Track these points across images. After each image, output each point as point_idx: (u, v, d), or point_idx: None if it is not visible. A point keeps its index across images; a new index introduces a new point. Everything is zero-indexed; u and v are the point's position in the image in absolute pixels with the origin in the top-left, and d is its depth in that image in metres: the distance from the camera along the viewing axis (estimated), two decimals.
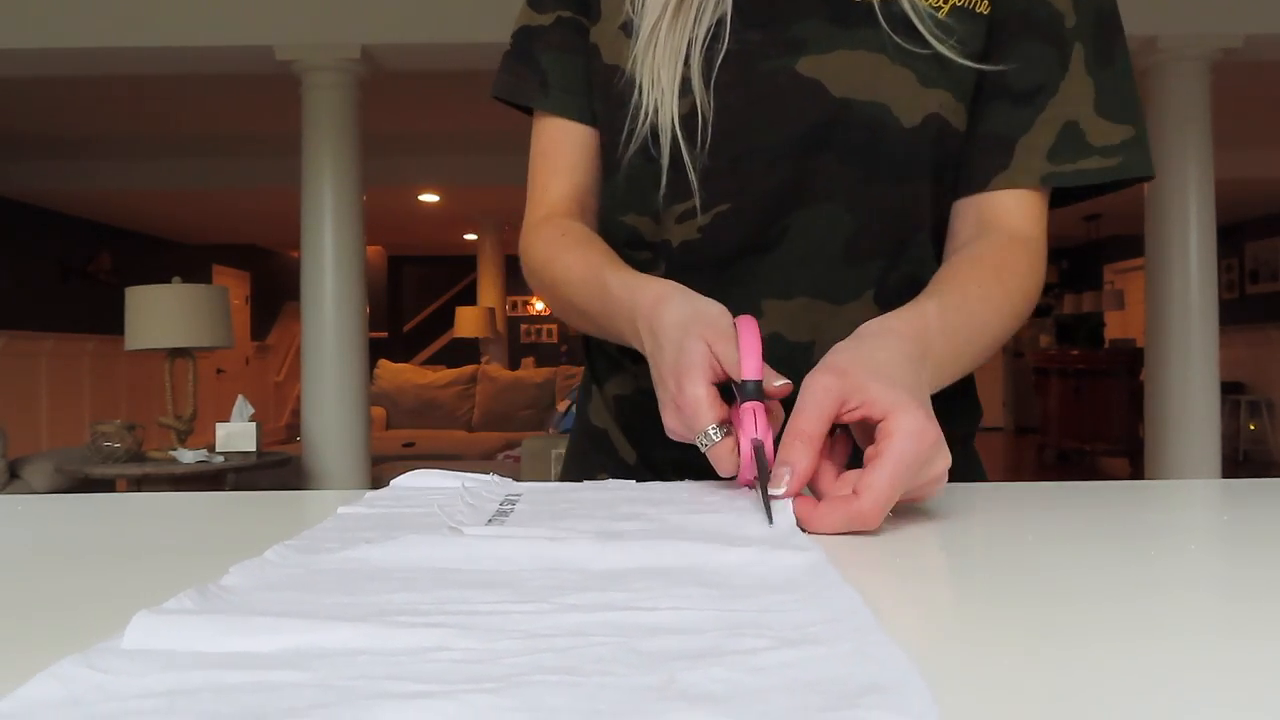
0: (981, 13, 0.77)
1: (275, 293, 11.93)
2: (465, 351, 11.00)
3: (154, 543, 0.54)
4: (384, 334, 12.35)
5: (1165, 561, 0.46)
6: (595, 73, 0.85)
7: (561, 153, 0.88)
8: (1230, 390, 8.65)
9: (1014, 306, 0.75)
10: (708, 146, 0.78)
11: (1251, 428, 9.26)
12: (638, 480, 0.74)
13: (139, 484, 3.81)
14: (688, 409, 0.61)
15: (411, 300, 13.41)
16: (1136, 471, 7.69)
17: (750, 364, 0.60)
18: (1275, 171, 7.59)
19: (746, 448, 0.58)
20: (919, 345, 0.63)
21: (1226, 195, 5.41)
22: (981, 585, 0.43)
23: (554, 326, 13.21)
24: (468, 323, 9.68)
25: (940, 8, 0.76)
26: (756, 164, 0.78)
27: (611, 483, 0.69)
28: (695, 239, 0.80)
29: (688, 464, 0.76)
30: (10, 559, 0.49)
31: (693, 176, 0.78)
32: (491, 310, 9.87)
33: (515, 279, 11.56)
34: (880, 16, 0.76)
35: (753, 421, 0.58)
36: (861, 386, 0.56)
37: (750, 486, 0.62)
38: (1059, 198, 0.84)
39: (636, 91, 0.80)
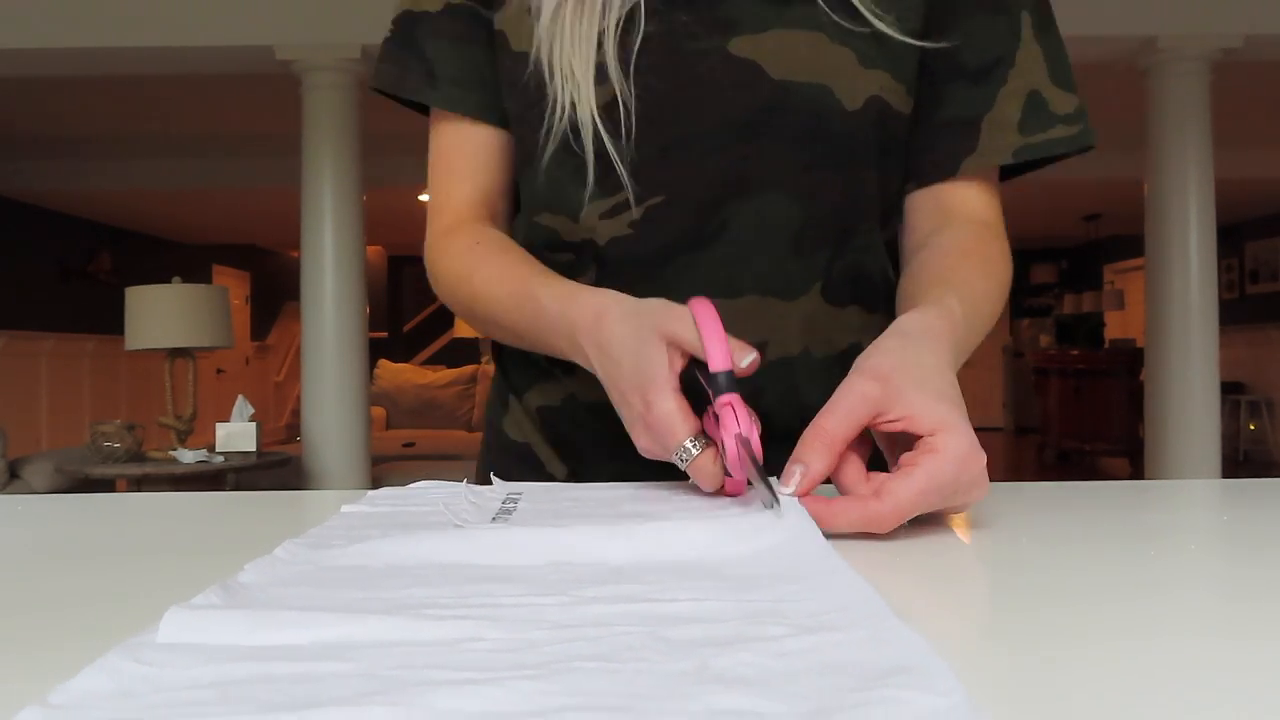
0: None
1: (275, 293, 11.93)
2: (465, 351, 11.00)
3: (155, 543, 0.54)
4: (384, 334, 12.33)
5: (1165, 561, 0.46)
6: (502, 64, 0.78)
7: (462, 154, 0.81)
8: (1230, 390, 8.65)
9: (1001, 297, 0.73)
10: (633, 137, 0.72)
11: (1251, 428, 9.26)
12: None
13: (139, 484, 3.81)
14: (659, 426, 0.57)
15: (411, 300, 13.40)
16: (1136, 471, 7.69)
17: (717, 352, 0.55)
18: (1275, 171, 7.59)
19: (732, 446, 0.54)
20: (954, 350, 0.59)
21: (1226, 195, 5.41)
22: (980, 585, 0.43)
23: None
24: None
25: None
26: (690, 153, 0.73)
27: (612, 483, 0.69)
28: (626, 235, 0.74)
29: (630, 476, 0.72)
30: (11, 559, 0.49)
31: (622, 170, 0.72)
32: None
33: None
34: None
35: (733, 417, 0.54)
36: (906, 398, 0.52)
37: (739, 494, 0.58)
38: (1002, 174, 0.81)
39: (549, 83, 0.73)
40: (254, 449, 4.01)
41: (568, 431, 0.82)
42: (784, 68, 0.72)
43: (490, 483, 0.77)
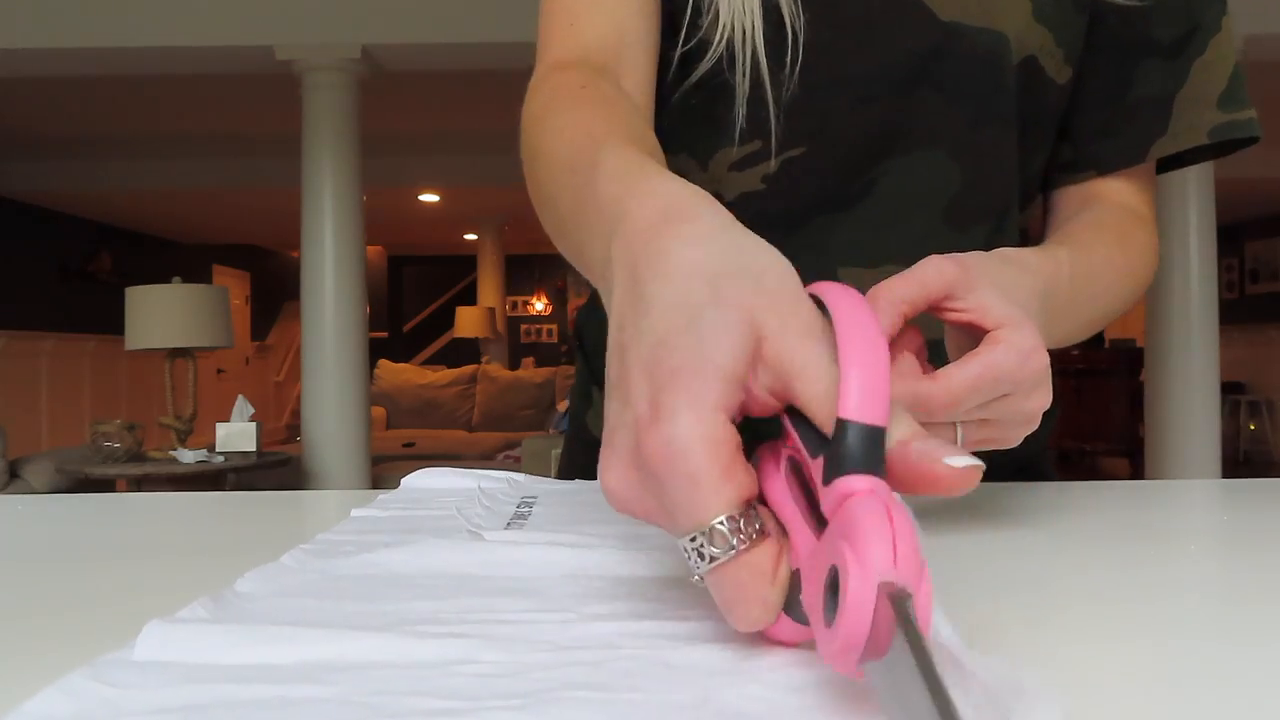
0: None
1: (275, 293, 11.93)
2: (465, 351, 10.99)
3: (155, 543, 0.54)
4: (384, 334, 12.34)
5: (1165, 562, 0.46)
6: None
7: None
8: (1230, 390, 8.65)
9: (1135, 278, 0.65)
10: (797, 73, 0.62)
11: (1251, 428, 9.26)
12: None
13: (139, 484, 3.81)
14: (664, 461, 0.28)
15: (411, 300, 13.40)
16: (1136, 471, 7.69)
17: (867, 388, 0.27)
18: (1275, 171, 7.59)
19: (863, 594, 0.24)
20: (1048, 285, 0.53)
21: (1226, 195, 5.40)
22: (980, 585, 0.43)
23: (554, 326, 13.20)
24: (468, 323, 9.68)
25: None
26: (840, 100, 0.63)
27: None
28: (758, 190, 0.65)
29: None
30: (11, 559, 0.49)
31: (774, 112, 0.63)
32: (491, 310, 9.87)
33: (515, 279, 11.56)
34: None
35: (869, 521, 0.25)
36: (979, 288, 0.45)
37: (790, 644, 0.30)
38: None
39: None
40: (254, 449, 4.01)
41: None
42: (954, 7, 0.63)
43: (572, 477, 0.74)
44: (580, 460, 0.81)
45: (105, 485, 3.85)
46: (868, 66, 0.63)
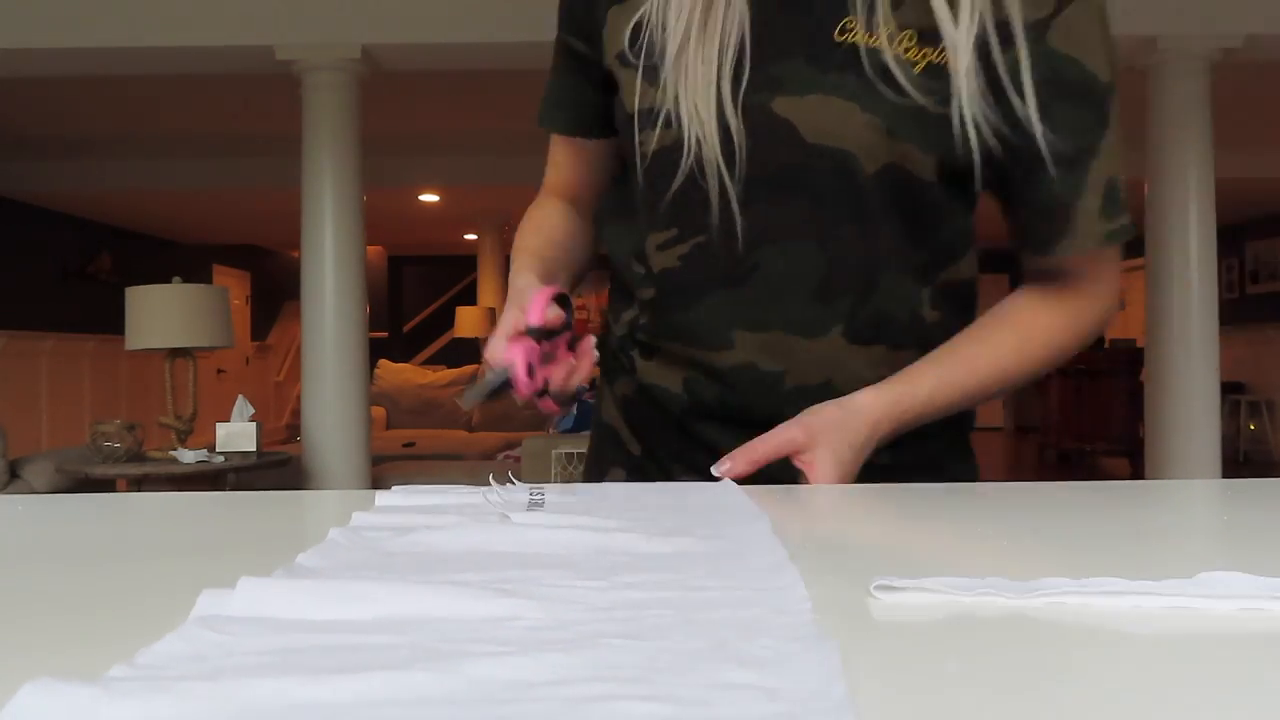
0: (947, 67, 0.77)
1: (275, 293, 11.93)
2: (465, 351, 10.99)
3: (156, 543, 0.54)
4: (384, 334, 12.34)
5: (1165, 562, 0.46)
6: (618, 100, 0.89)
7: (556, 150, 1.01)
8: (1230, 390, 8.65)
9: (1047, 347, 0.86)
10: (742, 173, 0.81)
11: (1251, 428, 9.26)
12: (643, 469, 0.92)
13: (139, 484, 3.81)
14: (493, 347, 0.79)
15: (411, 300, 13.41)
16: (1136, 471, 7.69)
17: (533, 312, 0.78)
18: (1275, 171, 7.59)
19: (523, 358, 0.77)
20: (883, 415, 0.79)
21: (1226, 195, 5.40)
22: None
23: None
24: (468, 323, 9.67)
25: (916, 63, 0.77)
26: (733, 201, 0.81)
27: (633, 485, 0.76)
28: (676, 267, 0.85)
29: (687, 453, 0.89)
30: (11, 559, 0.49)
31: (736, 208, 0.81)
32: (492, 310, 9.86)
33: None
34: (865, 61, 0.77)
35: (520, 350, 0.77)
36: (814, 448, 0.76)
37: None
38: None
39: (677, 125, 0.82)
40: (254, 449, 4.01)
41: (639, 415, 0.95)
42: (815, 131, 0.79)
43: (595, 458, 0.99)
44: (598, 443, 1.00)
45: (105, 485, 3.85)
46: (752, 173, 0.81)
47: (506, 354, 0.76)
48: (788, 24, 0.80)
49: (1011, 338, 0.85)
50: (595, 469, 0.99)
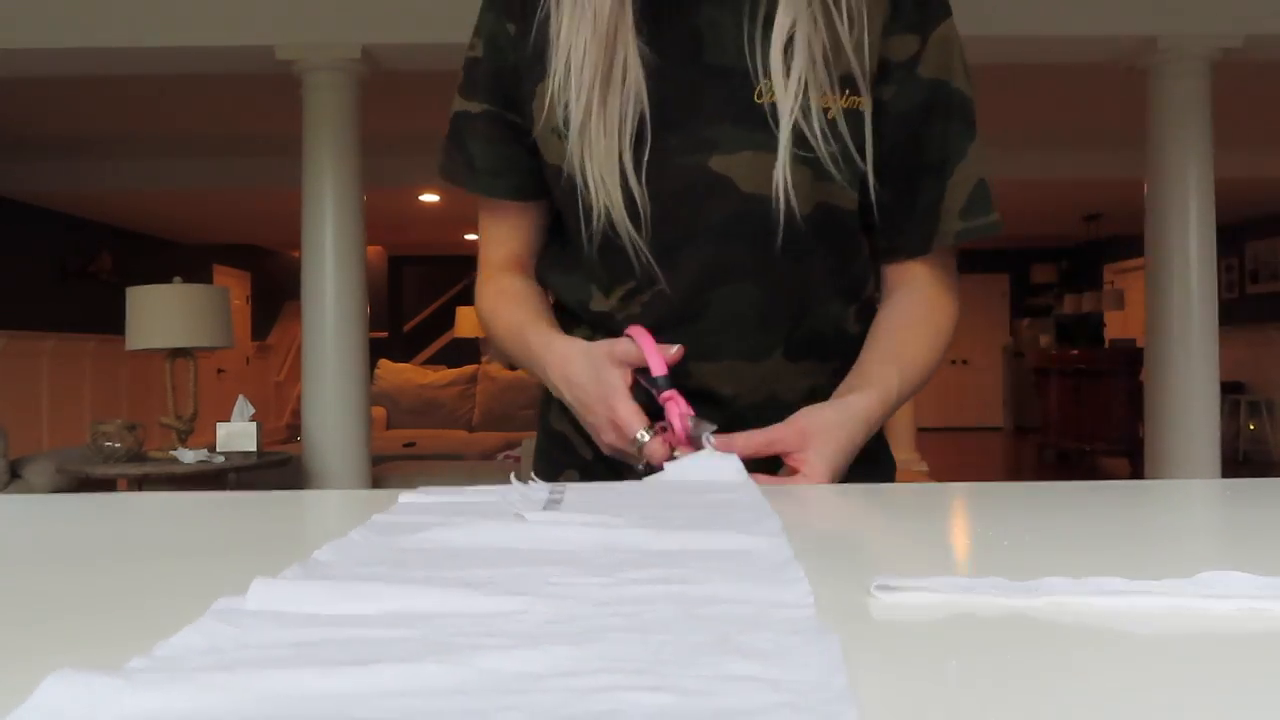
0: (862, 109, 0.89)
1: (275, 293, 11.93)
2: (465, 351, 10.99)
3: (156, 543, 0.54)
4: (384, 334, 12.33)
5: (1165, 562, 0.46)
6: (546, 169, 0.95)
7: (496, 224, 1.03)
8: (1230, 390, 8.65)
9: (944, 348, 0.97)
10: (648, 235, 0.90)
11: (1251, 428, 9.26)
12: (595, 471, 0.96)
13: (139, 484, 3.81)
14: (623, 423, 0.83)
15: (411, 300, 13.40)
16: (1136, 471, 7.69)
17: (655, 361, 0.83)
18: (1275, 171, 7.59)
19: (680, 420, 0.81)
20: (872, 412, 0.87)
21: (1226, 195, 5.40)
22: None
23: None
24: (468, 323, 9.67)
25: (829, 109, 0.87)
26: (684, 249, 0.90)
27: (652, 481, 0.77)
28: (636, 313, 0.93)
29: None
30: (12, 559, 0.49)
31: (651, 261, 0.90)
32: None
33: None
34: (784, 118, 0.86)
35: (675, 404, 0.82)
36: (808, 455, 0.82)
37: (685, 446, 0.82)
38: None
39: (582, 190, 0.90)
40: (255, 449, 4.01)
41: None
42: (752, 183, 0.88)
43: (546, 462, 1.04)
44: (547, 448, 1.06)
45: (106, 485, 3.85)
46: (698, 225, 0.90)
47: (670, 411, 0.83)
48: (711, 92, 0.89)
49: (926, 335, 0.94)
50: (547, 473, 1.01)
